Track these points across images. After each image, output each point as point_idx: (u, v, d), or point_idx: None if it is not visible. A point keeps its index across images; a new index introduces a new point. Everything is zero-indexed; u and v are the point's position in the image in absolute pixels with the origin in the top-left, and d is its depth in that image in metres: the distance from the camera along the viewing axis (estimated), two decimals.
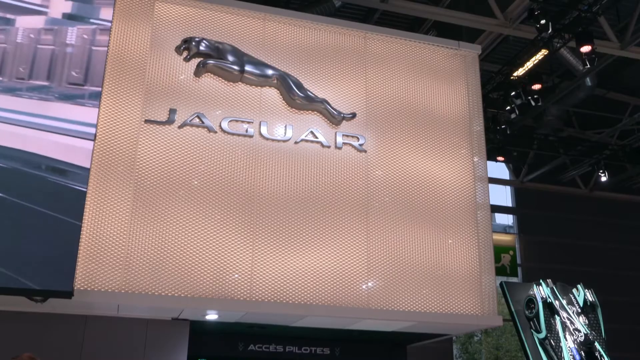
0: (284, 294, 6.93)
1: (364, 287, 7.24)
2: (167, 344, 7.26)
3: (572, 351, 9.53)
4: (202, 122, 7.32)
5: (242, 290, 6.81)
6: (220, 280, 6.80)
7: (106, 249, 6.55)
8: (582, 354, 9.50)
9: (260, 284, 6.90)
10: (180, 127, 7.24)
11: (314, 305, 6.99)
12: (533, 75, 11.78)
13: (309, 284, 7.05)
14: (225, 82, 7.59)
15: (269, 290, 6.90)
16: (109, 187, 6.76)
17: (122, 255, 6.57)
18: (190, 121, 7.28)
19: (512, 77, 12.01)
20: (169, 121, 7.21)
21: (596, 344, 9.68)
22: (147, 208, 6.83)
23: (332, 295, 7.10)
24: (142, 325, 7.24)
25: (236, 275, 6.85)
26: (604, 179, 16.11)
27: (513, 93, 12.11)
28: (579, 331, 9.76)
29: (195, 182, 7.08)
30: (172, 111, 7.26)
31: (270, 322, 7.57)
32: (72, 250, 6.08)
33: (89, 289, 6.35)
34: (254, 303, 6.80)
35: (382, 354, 8.77)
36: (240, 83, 7.64)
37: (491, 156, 14.87)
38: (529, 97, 11.91)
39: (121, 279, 6.50)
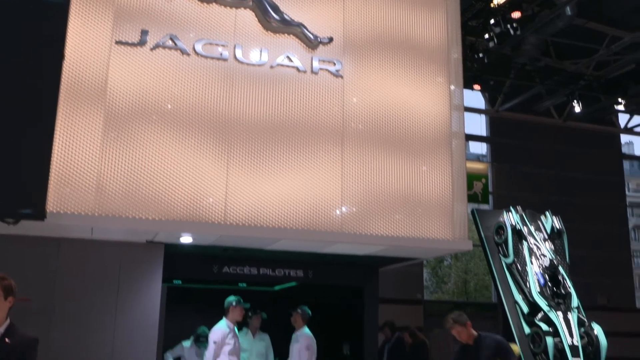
0: (258, 217, 7.01)
1: (337, 212, 7.34)
2: (141, 266, 7.35)
3: (537, 275, 9.87)
4: (175, 45, 7.15)
5: (216, 214, 6.87)
6: (195, 203, 6.83)
7: (78, 173, 6.51)
8: (546, 277, 9.84)
9: (235, 208, 6.96)
10: (152, 49, 7.07)
11: (288, 229, 7.09)
12: (513, 3, 11.64)
13: (283, 209, 7.12)
14: (199, 3, 7.38)
15: (244, 214, 6.97)
16: (79, 109, 6.65)
17: (94, 179, 6.55)
18: (162, 43, 7.11)
19: (491, 5, 11.85)
20: (141, 42, 7.03)
21: (560, 268, 10.02)
22: (119, 131, 6.75)
23: (306, 219, 7.19)
24: (117, 248, 7.29)
25: (210, 199, 6.89)
26: (577, 109, 16.26)
27: (492, 21, 11.98)
28: (545, 256, 10.08)
29: (169, 106, 6.99)
30: (144, 32, 7.07)
31: (245, 246, 7.67)
32: (43, 172, 6.02)
33: (61, 211, 6.36)
34: (228, 226, 6.88)
35: (354, 276, 8.99)
36: (214, 4, 7.43)
37: (468, 84, 14.86)
38: (508, 26, 11.81)
39: (94, 202, 6.50)
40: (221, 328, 7.72)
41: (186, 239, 7.29)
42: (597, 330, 9.48)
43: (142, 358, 7.09)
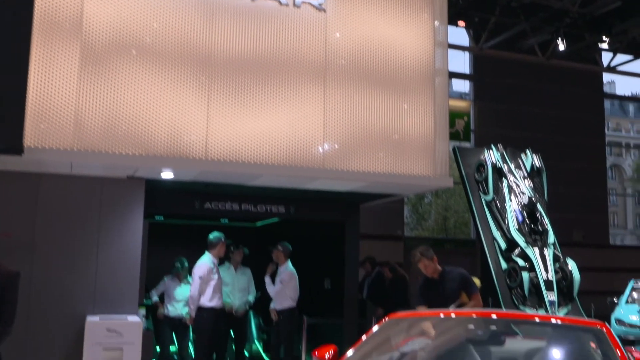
0: (240, 153, 6.98)
1: (319, 148, 7.32)
2: (122, 202, 7.32)
3: (515, 212, 10.03)
4: None
5: (197, 150, 6.83)
6: (175, 139, 6.77)
7: (55, 108, 6.39)
8: (525, 214, 10.01)
9: (216, 144, 6.91)
10: None
11: (270, 164, 7.08)
12: None
13: (264, 144, 7.09)
14: None
15: (225, 150, 6.93)
16: (54, 43, 6.46)
17: (72, 114, 6.44)
18: None
19: None
20: None
21: (538, 205, 10.18)
22: (97, 66, 6.59)
23: (288, 155, 7.18)
24: (97, 183, 7.24)
25: (191, 135, 6.83)
26: (562, 47, 16.16)
27: None
28: (524, 194, 10.22)
29: (148, 40, 6.81)
30: None
31: (226, 181, 7.66)
32: (19, 107, 5.91)
33: (39, 146, 6.28)
34: (209, 162, 6.85)
35: (336, 212, 9.06)
36: None
37: (452, 21, 14.65)
38: None
39: (73, 138, 6.41)
40: (206, 263, 7.81)
41: (167, 175, 7.26)
42: (572, 265, 9.73)
43: (125, 292, 7.16)
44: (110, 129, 6.57)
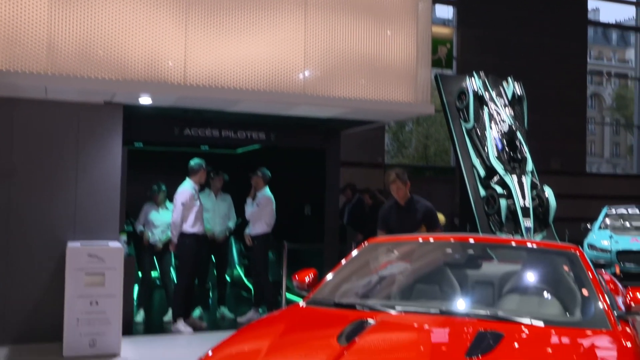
0: (219, 78, 6.86)
1: (300, 74, 7.22)
2: (100, 128, 7.20)
3: (495, 140, 10.08)
4: None
5: (175, 75, 6.69)
6: (153, 64, 6.62)
7: (27, 31, 6.19)
8: (504, 142, 10.08)
9: (195, 69, 6.77)
10: None
11: (250, 90, 6.98)
12: None
13: (244, 70, 6.96)
14: None
15: (204, 75, 6.79)
16: None
17: (45, 37, 6.24)
18: None
19: None
20: None
21: (518, 133, 10.23)
22: None
23: (268, 81, 7.07)
24: (74, 108, 7.10)
25: (169, 60, 6.68)
26: None
27: None
28: (504, 122, 10.24)
29: None
30: None
31: (206, 107, 7.56)
32: None
33: (12, 70, 6.12)
34: (187, 87, 6.73)
35: (317, 139, 9.03)
36: None
37: None
38: None
39: (46, 61, 6.25)
40: (187, 189, 7.81)
41: (145, 100, 7.13)
42: (548, 192, 9.89)
43: (105, 219, 7.15)
44: (85, 53, 6.40)
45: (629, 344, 3.07)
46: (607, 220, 13.97)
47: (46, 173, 6.97)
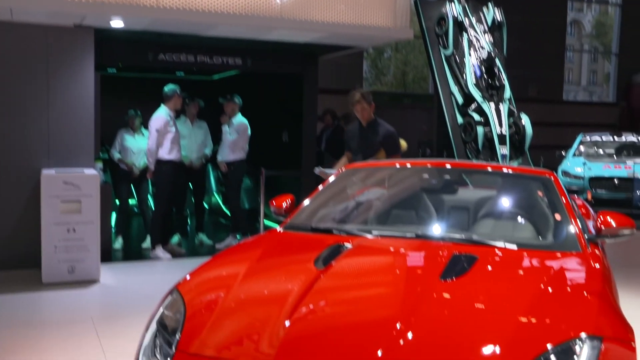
0: (194, 1, 6.64)
1: None
2: (71, 52, 6.98)
3: (474, 67, 10.02)
4: None
5: None
6: None
7: None
8: (483, 69, 10.02)
9: None
10: None
11: (225, 13, 6.78)
12: None
13: None
14: None
15: None
16: None
17: None
18: None
19: None
20: None
21: (496, 60, 10.17)
22: None
23: (244, 4, 6.87)
24: (43, 31, 6.85)
25: None
26: None
27: None
28: (483, 48, 10.15)
29: None
30: None
31: (181, 31, 7.35)
32: None
33: None
34: (161, 10, 6.51)
35: (294, 64, 8.88)
36: None
37: None
38: None
39: None
40: (162, 115, 7.68)
41: (117, 23, 6.89)
42: (525, 120, 9.94)
43: (80, 145, 7.05)
44: None
45: (597, 265, 3.15)
46: (582, 148, 14.15)
47: (16, 98, 6.80)
